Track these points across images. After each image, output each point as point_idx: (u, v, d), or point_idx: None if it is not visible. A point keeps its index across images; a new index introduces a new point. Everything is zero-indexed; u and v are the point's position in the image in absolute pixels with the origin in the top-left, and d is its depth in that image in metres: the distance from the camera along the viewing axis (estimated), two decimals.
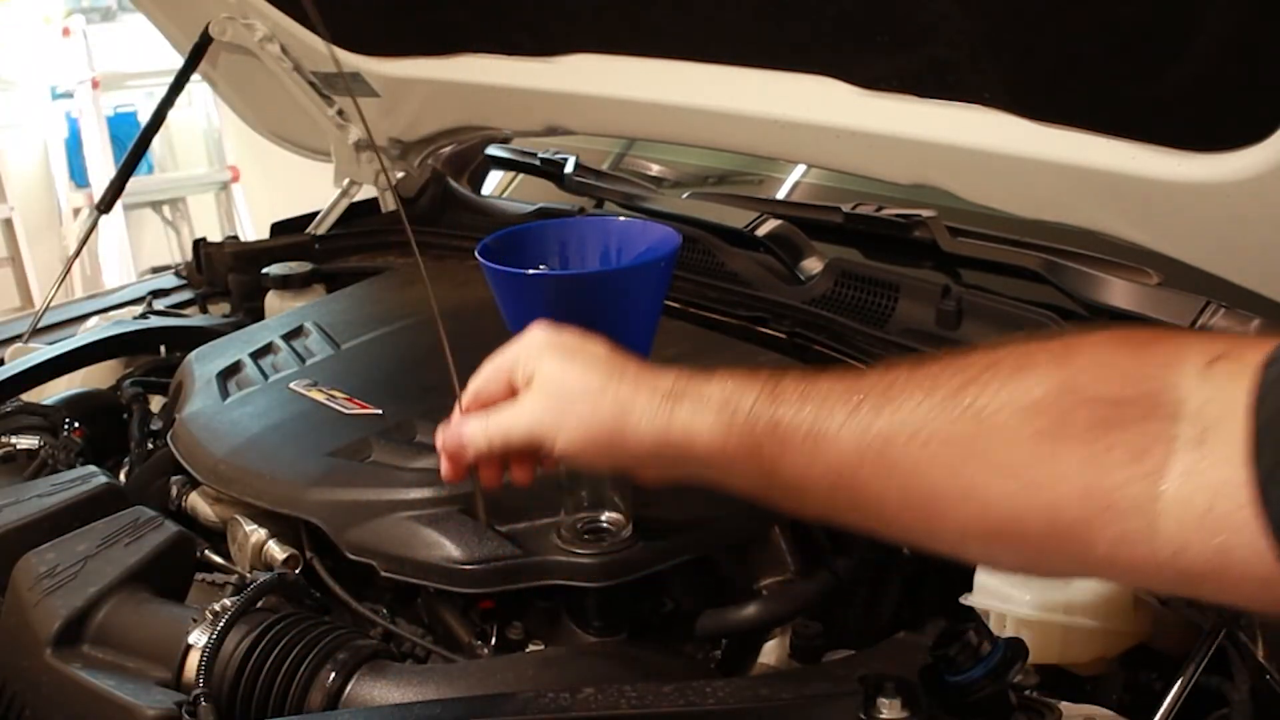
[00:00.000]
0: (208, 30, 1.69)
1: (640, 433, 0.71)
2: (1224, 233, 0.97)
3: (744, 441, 0.67)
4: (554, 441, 0.74)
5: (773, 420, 0.66)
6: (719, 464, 0.69)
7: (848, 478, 0.63)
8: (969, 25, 1.00)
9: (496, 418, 0.77)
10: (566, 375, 0.75)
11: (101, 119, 4.62)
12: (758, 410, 0.67)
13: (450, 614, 0.94)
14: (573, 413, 0.74)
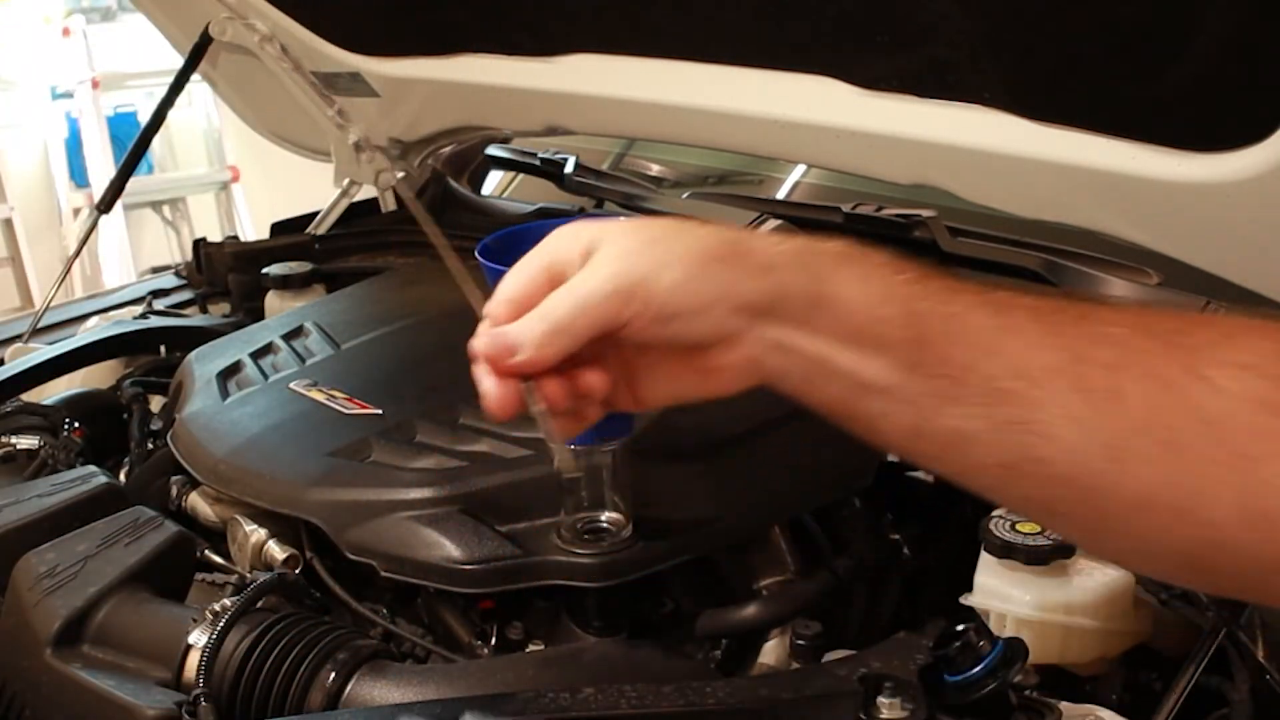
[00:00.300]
0: (208, 30, 1.69)
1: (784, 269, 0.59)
2: (1224, 233, 0.97)
3: (904, 319, 0.58)
4: (655, 284, 0.59)
5: (948, 314, 0.58)
6: (858, 331, 0.58)
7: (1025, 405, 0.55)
8: (969, 25, 1.00)
9: (556, 296, 0.60)
10: (647, 225, 0.62)
11: (101, 119, 4.62)
12: (932, 295, 0.58)
13: (450, 614, 0.94)
14: (674, 244, 0.60)
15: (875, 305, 0.59)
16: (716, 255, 0.59)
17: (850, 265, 0.60)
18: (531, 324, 0.60)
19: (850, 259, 0.60)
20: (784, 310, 0.59)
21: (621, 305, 0.59)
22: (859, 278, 0.60)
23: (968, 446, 0.58)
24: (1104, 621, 0.87)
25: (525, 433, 1.00)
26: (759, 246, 0.60)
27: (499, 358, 0.61)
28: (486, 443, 1.00)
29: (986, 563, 0.89)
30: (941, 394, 0.57)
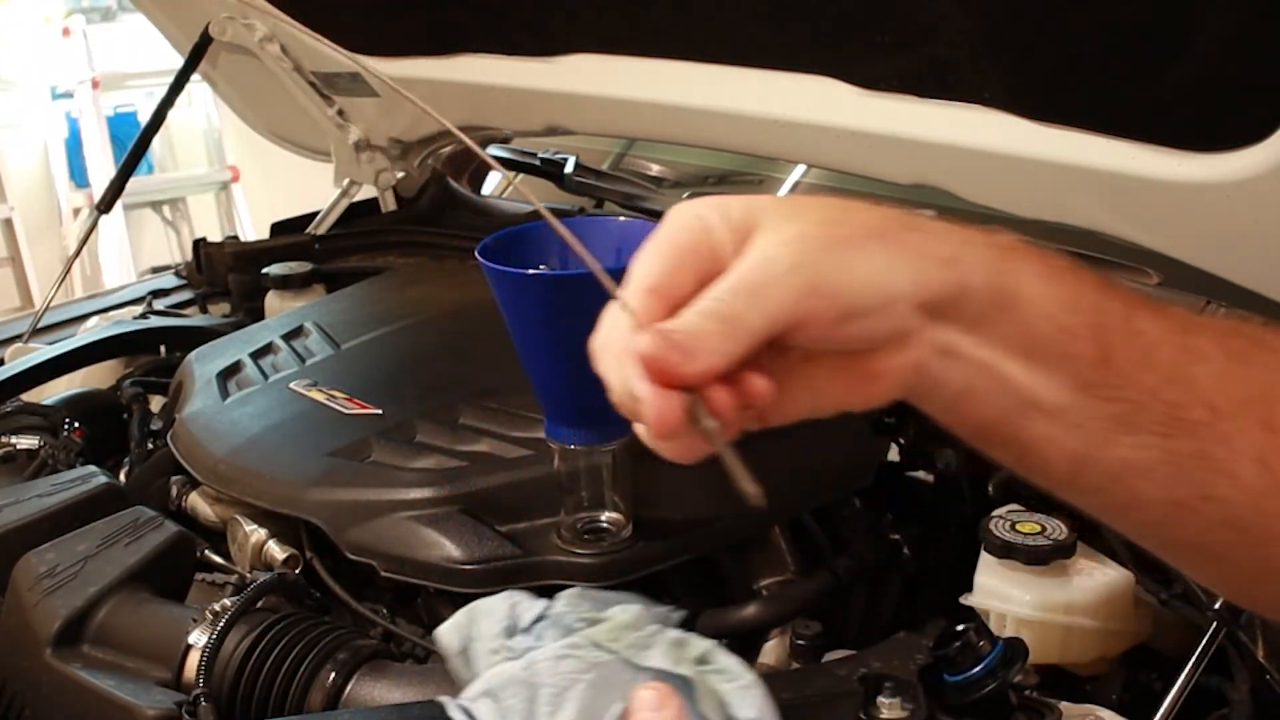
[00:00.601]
0: (208, 30, 1.69)
1: (973, 259, 0.51)
2: (1224, 233, 0.97)
3: (1090, 332, 0.51)
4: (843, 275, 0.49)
5: (1133, 330, 0.51)
6: (1038, 340, 0.51)
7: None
8: (969, 25, 1.00)
9: (730, 290, 0.48)
10: (812, 203, 0.52)
11: (101, 119, 4.62)
12: (1117, 306, 0.52)
13: (450, 614, 0.94)
14: (854, 226, 0.50)
15: (1061, 312, 0.51)
16: (902, 241, 0.50)
17: (1032, 262, 0.52)
18: (703, 323, 0.48)
19: (1031, 255, 0.53)
20: (962, 309, 0.51)
21: (807, 300, 0.48)
22: (1043, 277, 0.52)
23: (1136, 480, 0.52)
24: (1104, 621, 0.87)
25: (525, 433, 1.00)
26: (939, 232, 0.52)
27: (668, 364, 0.47)
28: (486, 443, 1.00)
29: (986, 563, 0.89)
30: (1118, 420, 0.51)
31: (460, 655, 0.62)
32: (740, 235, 0.50)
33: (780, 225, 0.50)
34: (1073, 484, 0.54)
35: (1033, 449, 0.53)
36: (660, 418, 0.48)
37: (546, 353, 0.85)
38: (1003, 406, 0.52)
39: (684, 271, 0.50)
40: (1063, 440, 0.52)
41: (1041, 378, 0.51)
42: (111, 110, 4.72)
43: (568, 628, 0.56)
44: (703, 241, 0.51)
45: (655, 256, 0.51)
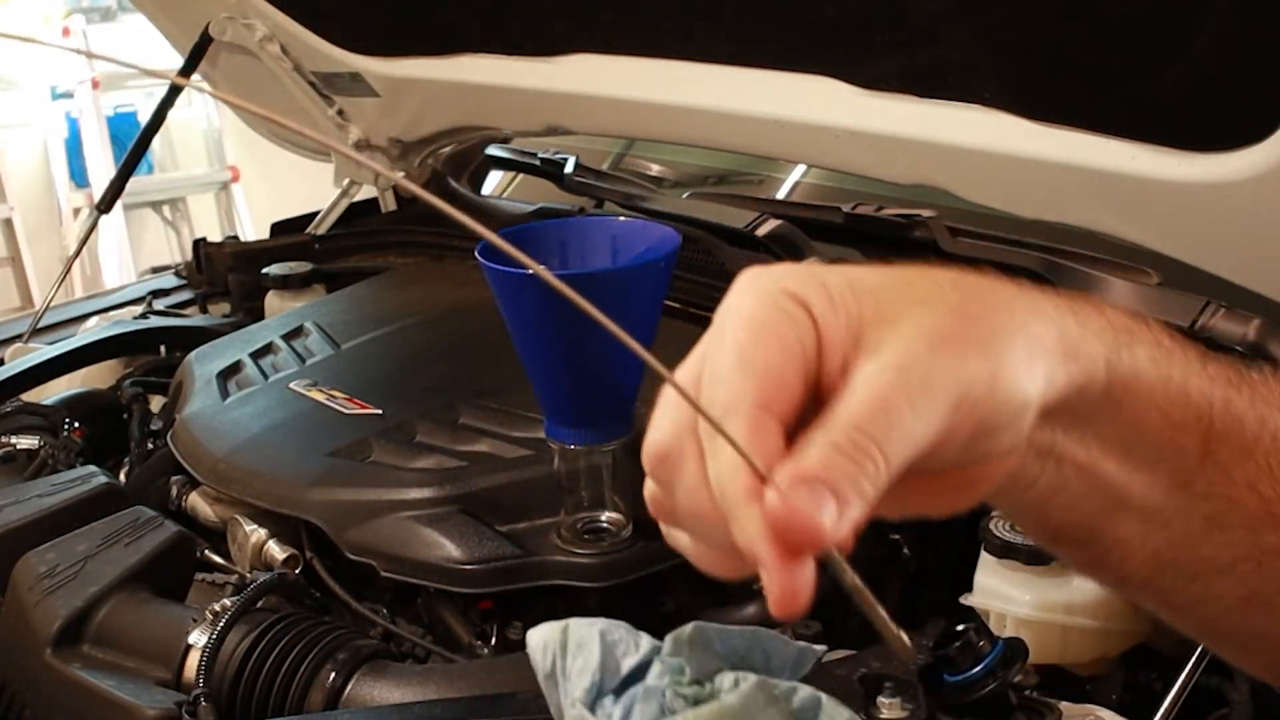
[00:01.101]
0: (208, 30, 1.69)
1: (1092, 346, 0.44)
2: (1224, 233, 0.97)
3: (1196, 426, 0.46)
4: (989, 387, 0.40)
5: (1231, 417, 0.47)
6: (1144, 436, 0.46)
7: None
8: (969, 25, 1.00)
9: (872, 417, 0.38)
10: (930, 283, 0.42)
11: (101, 119, 4.62)
12: (1218, 390, 0.47)
13: (450, 614, 0.94)
14: (992, 321, 0.41)
15: (1170, 404, 0.45)
16: (1029, 333, 0.42)
17: (1145, 344, 0.46)
18: (845, 464, 0.37)
19: (1144, 335, 0.46)
20: (1072, 409, 0.44)
21: (952, 418, 0.39)
22: (1155, 362, 0.46)
23: (1214, 577, 0.48)
24: (1104, 621, 0.87)
25: (525, 433, 1.00)
26: (1058, 314, 0.44)
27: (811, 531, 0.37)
28: (486, 443, 1.00)
29: (986, 563, 0.89)
30: (1210, 518, 0.47)
31: (548, 680, 0.54)
32: (853, 323, 0.40)
33: (906, 313, 0.40)
34: (1147, 583, 0.50)
35: (1115, 549, 0.48)
36: (792, 594, 0.38)
37: (546, 353, 0.85)
38: (1093, 507, 0.47)
39: (791, 373, 0.39)
40: (1147, 540, 0.48)
41: (1140, 476, 0.46)
42: (111, 110, 4.72)
43: (664, 707, 0.47)
44: (807, 332, 0.40)
45: (754, 354, 0.39)
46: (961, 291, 0.42)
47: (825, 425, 0.38)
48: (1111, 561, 0.49)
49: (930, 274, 0.43)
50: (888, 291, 0.41)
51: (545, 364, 0.86)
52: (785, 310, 0.40)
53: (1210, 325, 1.08)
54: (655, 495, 0.43)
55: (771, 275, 0.42)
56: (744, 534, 0.38)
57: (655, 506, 0.43)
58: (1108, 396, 0.44)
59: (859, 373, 0.39)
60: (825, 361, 0.40)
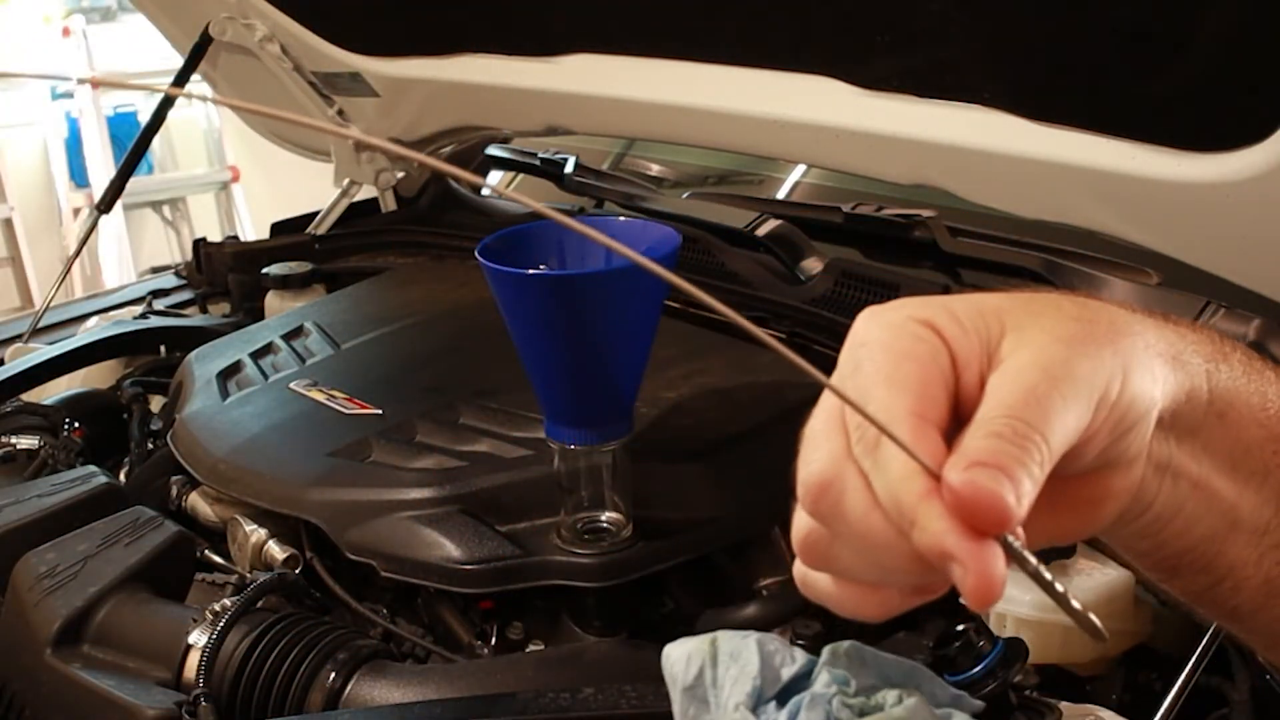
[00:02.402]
0: (208, 30, 1.69)
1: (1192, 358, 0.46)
2: (1224, 233, 0.97)
3: None
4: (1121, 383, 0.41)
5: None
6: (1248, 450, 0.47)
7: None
8: (969, 25, 1.00)
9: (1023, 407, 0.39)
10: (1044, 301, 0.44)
11: (101, 119, 4.62)
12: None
13: (450, 614, 0.94)
14: (1102, 325, 0.43)
15: (1268, 417, 0.47)
16: (1141, 340, 0.43)
17: (1238, 358, 0.47)
18: (1008, 448, 0.38)
19: (1234, 349, 0.48)
20: (1184, 416, 0.45)
21: (1097, 412, 0.40)
22: (1248, 376, 0.47)
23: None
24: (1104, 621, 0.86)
25: (525, 433, 1.00)
26: (1156, 327, 0.45)
27: (996, 506, 0.38)
28: (486, 443, 1.00)
29: None
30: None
31: (689, 693, 0.51)
32: (984, 339, 0.42)
33: (1033, 322, 0.42)
34: (1260, 611, 0.49)
35: (1229, 575, 0.48)
36: (989, 579, 0.37)
37: (546, 353, 0.85)
38: (1207, 529, 0.47)
39: (936, 389, 0.41)
40: (1260, 563, 0.48)
41: (1249, 493, 0.47)
42: (111, 110, 4.72)
43: (830, 715, 0.46)
44: (942, 353, 0.41)
45: (900, 372, 0.41)
46: (1076, 305, 0.44)
47: (979, 422, 0.40)
48: (1225, 590, 0.49)
49: (1046, 294, 0.45)
50: (1010, 308, 0.43)
51: (545, 364, 0.86)
52: (917, 335, 0.41)
53: (1210, 325, 1.08)
54: (811, 533, 0.42)
55: (895, 307, 0.43)
56: (927, 533, 0.38)
57: (809, 548, 0.43)
58: (1211, 408, 0.46)
59: (1001, 375, 0.40)
60: (961, 380, 0.41)
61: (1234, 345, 0.48)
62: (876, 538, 0.40)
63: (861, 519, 0.40)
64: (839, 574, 0.43)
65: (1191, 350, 0.46)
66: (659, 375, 1.05)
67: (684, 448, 0.98)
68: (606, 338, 0.83)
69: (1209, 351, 0.46)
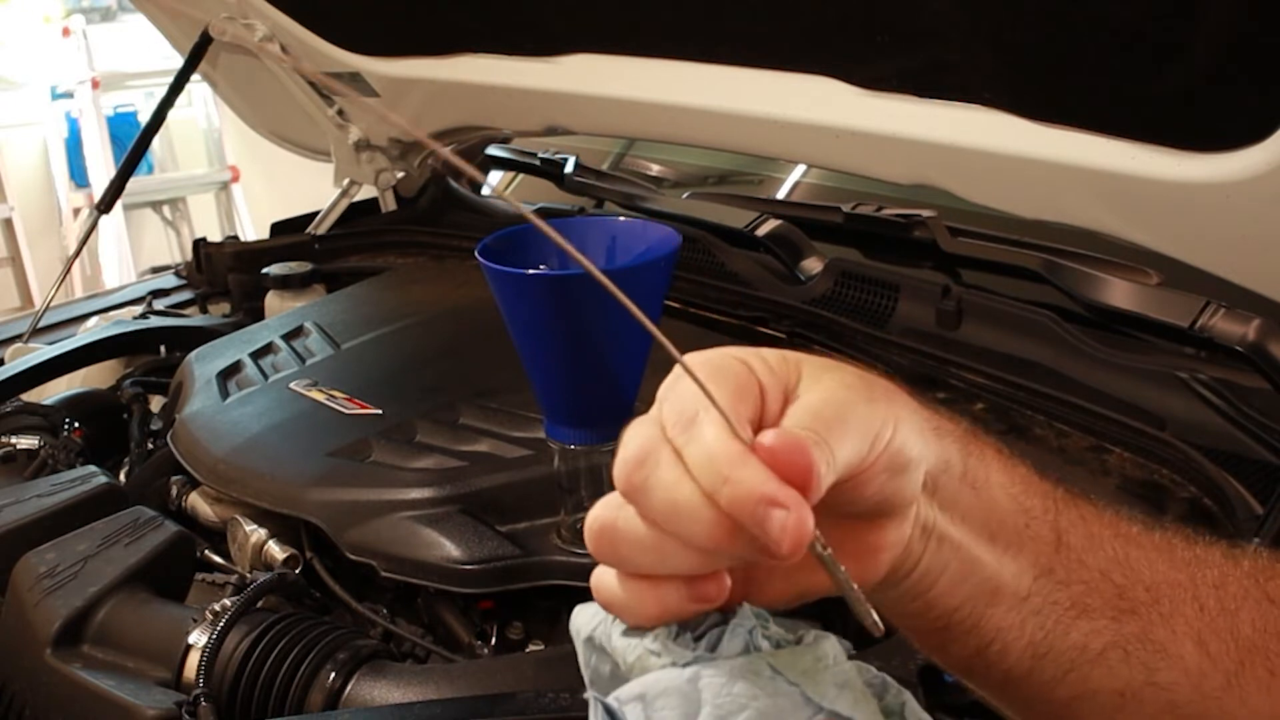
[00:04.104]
0: (208, 30, 1.69)
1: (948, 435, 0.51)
2: (1224, 233, 0.97)
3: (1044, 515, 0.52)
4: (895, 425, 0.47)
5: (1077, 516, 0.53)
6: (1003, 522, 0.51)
7: None
8: (969, 25, 1.00)
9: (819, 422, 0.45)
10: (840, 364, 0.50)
11: (101, 119, 4.62)
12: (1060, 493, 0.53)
13: (450, 614, 0.94)
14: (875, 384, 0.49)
15: (1022, 494, 0.52)
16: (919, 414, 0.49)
17: (990, 446, 0.53)
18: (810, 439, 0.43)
19: (987, 440, 0.53)
20: (942, 485, 0.50)
21: (872, 447, 0.46)
22: (1000, 461, 0.52)
23: (1089, 668, 0.52)
24: None
25: (525, 433, 1.00)
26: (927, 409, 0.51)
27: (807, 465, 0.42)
28: (486, 443, 1.00)
29: None
30: (1074, 604, 0.51)
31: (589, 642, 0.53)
32: (784, 379, 0.47)
33: (824, 374, 0.48)
34: (1028, 676, 0.53)
35: (995, 638, 0.52)
36: (805, 518, 0.41)
37: (546, 353, 0.85)
38: (971, 590, 0.51)
39: (747, 408, 0.45)
40: (1023, 627, 0.51)
41: (1007, 560, 0.51)
42: (111, 110, 4.72)
43: (750, 644, 0.48)
44: (752, 381, 0.46)
45: (720, 375, 0.46)
46: (858, 371, 0.49)
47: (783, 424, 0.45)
48: (995, 652, 0.52)
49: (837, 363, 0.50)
50: (808, 360, 0.48)
51: (545, 364, 0.86)
52: (732, 364, 0.47)
53: (1210, 325, 1.08)
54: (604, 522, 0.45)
55: (718, 351, 0.48)
56: (744, 484, 0.41)
57: (600, 534, 0.45)
58: (965, 479, 0.51)
59: (797, 406, 0.46)
60: (767, 406, 0.46)
61: (990, 439, 0.53)
62: (683, 507, 0.43)
63: (671, 487, 0.43)
64: (625, 565, 0.46)
65: (947, 429, 0.51)
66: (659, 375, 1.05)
67: None
68: (606, 338, 0.83)
69: (961, 434, 0.51)
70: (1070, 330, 1.17)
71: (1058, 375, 1.16)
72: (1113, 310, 1.17)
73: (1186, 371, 1.09)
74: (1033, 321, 1.20)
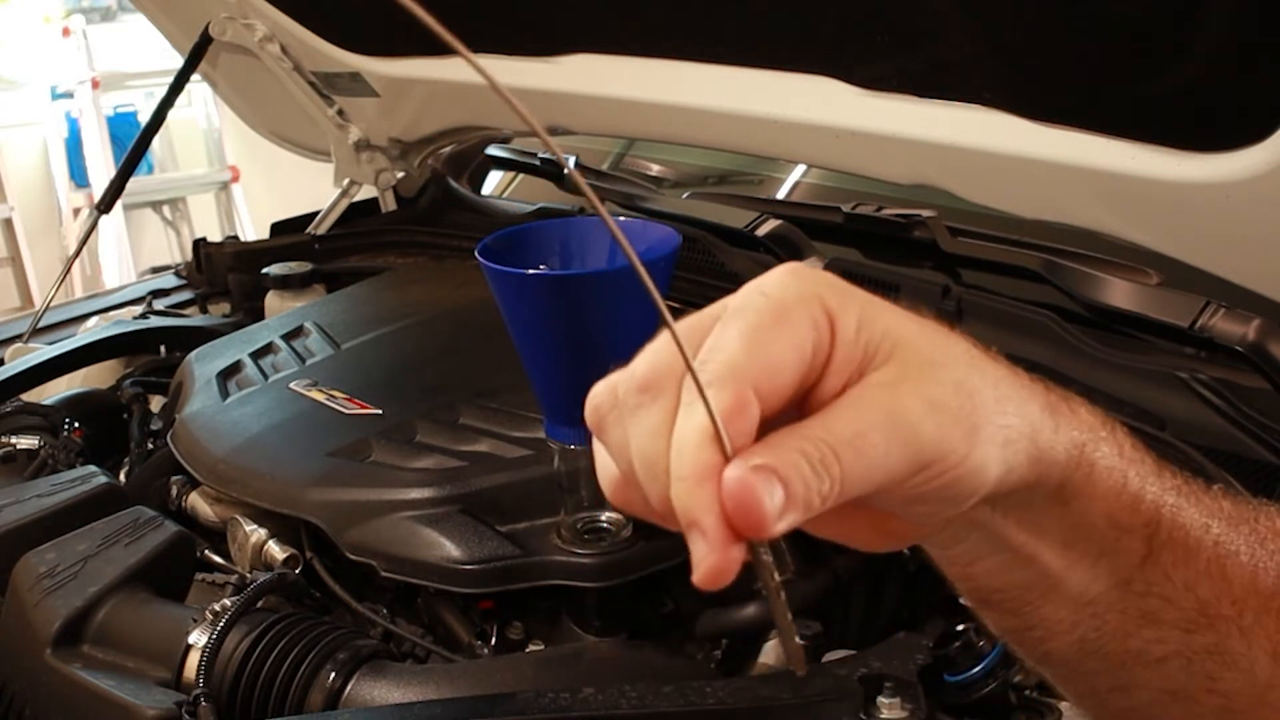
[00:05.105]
0: (208, 30, 1.69)
1: (1057, 448, 0.45)
2: (1224, 233, 0.97)
3: (1143, 531, 0.47)
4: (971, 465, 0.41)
5: (1177, 524, 0.47)
6: (1088, 536, 0.47)
7: None
8: (969, 25, 1.00)
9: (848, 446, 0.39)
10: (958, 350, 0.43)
11: (101, 119, 4.62)
12: (1168, 499, 0.48)
13: (450, 614, 0.94)
14: (1009, 402, 0.43)
15: (1122, 510, 0.46)
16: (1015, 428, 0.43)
17: (1111, 447, 0.47)
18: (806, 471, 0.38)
19: (1112, 438, 0.47)
20: (1018, 499, 0.45)
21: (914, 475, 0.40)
22: (1116, 469, 0.46)
23: (1141, 670, 0.49)
24: None
25: (525, 433, 1.00)
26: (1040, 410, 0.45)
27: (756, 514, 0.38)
28: (486, 443, 1.00)
29: None
30: (1146, 615, 0.48)
31: None
32: (869, 356, 0.41)
33: (916, 370, 0.41)
34: (1070, 665, 0.50)
35: (1041, 628, 0.48)
36: (723, 571, 0.38)
37: (546, 353, 0.85)
38: (1023, 582, 0.47)
39: (792, 374, 0.40)
40: (1077, 626, 0.48)
41: (1080, 569, 0.47)
42: (111, 110, 4.72)
43: None
44: (822, 347, 0.40)
45: (766, 340, 0.40)
46: (973, 368, 0.43)
47: (802, 431, 0.39)
48: (1037, 638, 0.49)
49: (959, 340, 0.44)
50: (911, 342, 0.42)
51: (545, 364, 0.86)
52: (813, 318, 0.41)
53: (1210, 325, 1.08)
54: (603, 399, 0.44)
55: (816, 280, 0.42)
56: (689, 498, 0.38)
57: (601, 409, 0.44)
58: (1058, 496, 0.45)
59: (853, 399, 0.40)
60: (827, 378, 0.41)
61: (1113, 430, 0.47)
62: (647, 454, 0.40)
63: (650, 436, 0.40)
64: (611, 446, 0.43)
65: (1063, 438, 0.45)
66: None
67: None
68: (606, 338, 0.83)
69: (1081, 438, 0.45)
70: (1070, 330, 1.17)
71: (1058, 375, 1.16)
72: (1113, 310, 1.17)
73: (1186, 371, 1.09)
74: (1033, 321, 1.19)
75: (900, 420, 0.40)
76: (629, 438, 0.41)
